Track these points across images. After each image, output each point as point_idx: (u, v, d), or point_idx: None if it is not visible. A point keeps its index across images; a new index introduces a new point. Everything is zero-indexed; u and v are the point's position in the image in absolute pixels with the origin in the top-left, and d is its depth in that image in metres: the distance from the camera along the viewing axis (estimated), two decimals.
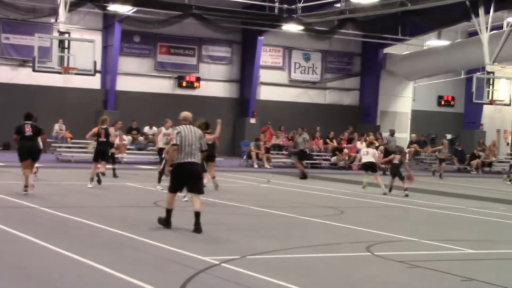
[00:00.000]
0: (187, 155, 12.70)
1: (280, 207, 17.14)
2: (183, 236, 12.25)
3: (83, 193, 18.69)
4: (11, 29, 35.30)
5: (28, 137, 17.61)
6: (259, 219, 15.14)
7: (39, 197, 16.61)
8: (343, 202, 19.38)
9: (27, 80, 35.11)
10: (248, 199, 18.55)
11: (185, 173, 12.78)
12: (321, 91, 43.48)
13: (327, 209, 17.40)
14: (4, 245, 10.71)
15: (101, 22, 37.43)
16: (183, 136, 12.71)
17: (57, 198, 16.97)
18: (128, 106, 37.06)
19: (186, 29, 37.42)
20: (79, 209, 15.08)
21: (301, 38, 40.22)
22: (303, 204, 18.40)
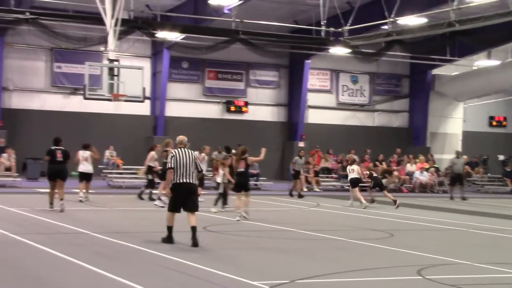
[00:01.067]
0: (182, 176, 13.56)
1: (329, 230, 17.01)
2: (231, 260, 12.21)
3: (133, 218, 18.82)
4: (63, 58, 35.98)
5: (59, 162, 20.00)
6: (308, 242, 15.03)
7: (89, 222, 16.76)
8: (393, 225, 19.13)
9: (79, 108, 35.69)
10: (297, 223, 18.45)
11: (181, 193, 13.65)
12: (369, 114, 43.25)
13: (376, 232, 17.19)
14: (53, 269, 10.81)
15: (149, 49, 37.90)
16: (178, 159, 13.61)
17: (106, 223, 17.10)
18: (177, 132, 36.94)
19: (234, 54, 37.63)
20: (128, 234, 15.16)
21: (348, 61, 40.11)
22: (352, 227, 18.23)
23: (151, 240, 14.10)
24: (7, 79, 34.94)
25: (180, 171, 13.60)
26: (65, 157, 20.19)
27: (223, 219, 19.01)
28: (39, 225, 16.54)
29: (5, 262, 11.45)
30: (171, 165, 13.67)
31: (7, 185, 29.09)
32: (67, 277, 10.34)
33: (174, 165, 13.61)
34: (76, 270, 10.82)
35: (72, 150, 23.19)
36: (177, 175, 13.60)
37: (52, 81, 36.08)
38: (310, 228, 17.15)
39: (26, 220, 17.42)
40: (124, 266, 11.28)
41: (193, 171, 13.74)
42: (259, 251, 13.58)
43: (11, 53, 35.08)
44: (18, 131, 34.56)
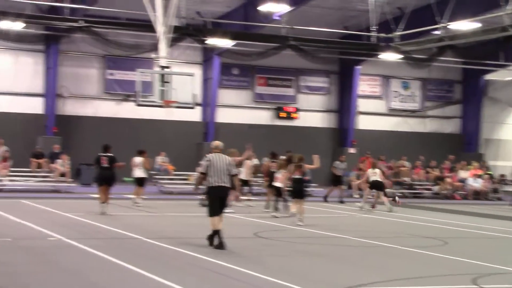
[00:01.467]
0: (217, 180, 14.05)
1: (380, 237, 16.86)
2: (280, 267, 12.18)
3: (184, 224, 18.94)
4: (115, 65, 36.45)
5: (105, 168, 20.78)
6: (359, 249, 14.93)
7: (141, 227, 16.90)
8: (446, 232, 18.88)
9: (131, 114, 36.08)
10: (348, 230, 18.34)
11: (218, 196, 14.13)
12: (421, 120, 42.84)
13: (429, 239, 16.99)
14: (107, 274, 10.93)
15: (200, 56, 38.15)
16: (213, 164, 14.08)
17: (158, 229, 17.23)
18: (228, 138, 37.34)
19: (284, 60, 37.65)
20: (180, 239, 15.24)
21: (399, 67, 39.81)
22: (404, 234, 18.05)
23: (201, 245, 14.15)
24: (62, 86, 35.50)
25: (216, 176, 14.06)
26: (111, 163, 20.82)
27: (275, 225, 19.00)
28: (92, 230, 16.75)
29: (61, 267, 11.61)
30: (203, 170, 14.19)
31: (61, 190, 29.52)
32: (122, 282, 10.44)
33: (209, 170, 14.08)
34: (131, 276, 10.92)
35: (124, 156, 23.51)
36: (212, 179, 14.08)
37: (104, 88, 36.57)
38: (361, 235, 17.03)
39: (80, 225, 17.66)
40: (174, 271, 11.34)
41: (227, 175, 14.17)
42: (309, 257, 13.54)
43: (65, 61, 35.66)
44: (72, 137, 35.09)
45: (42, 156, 30.93)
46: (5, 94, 34.84)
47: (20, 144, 33.10)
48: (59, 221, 18.37)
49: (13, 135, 33.40)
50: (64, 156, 30.44)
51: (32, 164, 30.54)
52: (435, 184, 34.91)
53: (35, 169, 30.51)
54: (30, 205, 22.93)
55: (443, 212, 25.99)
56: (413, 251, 14.70)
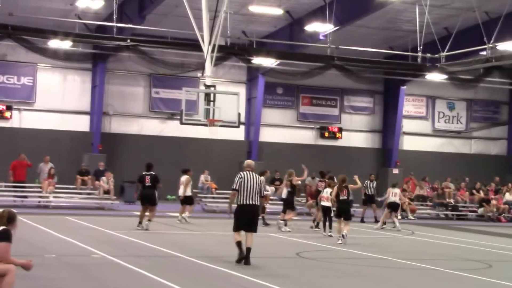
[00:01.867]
0: (247, 198, 14.25)
1: (424, 259, 16.67)
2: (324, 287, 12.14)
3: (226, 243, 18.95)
4: (160, 83, 36.83)
5: (148, 187, 21.11)
6: (403, 272, 14.77)
7: (183, 245, 16.96)
8: (491, 255, 18.60)
9: (175, 133, 36.36)
10: (392, 251, 18.18)
11: (245, 214, 14.35)
12: (466, 141, 42.40)
13: (473, 262, 16.75)
14: None
15: (245, 75, 38.34)
16: (245, 181, 14.25)
17: (200, 247, 17.27)
18: (271, 157, 37.49)
19: (328, 80, 37.64)
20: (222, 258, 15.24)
21: (445, 87, 39.51)
22: (448, 256, 17.82)
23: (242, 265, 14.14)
24: (108, 105, 35.97)
25: (246, 193, 14.26)
26: (153, 182, 21.13)
27: (317, 245, 18.92)
28: (135, 247, 16.85)
29: (105, 284, 11.70)
30: (236, 186, 14.36)
31: (105, 207, 29.81)
32: None
33: (240, 187, 14.28)
34: None
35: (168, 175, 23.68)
36: (242, 197, 14.30)
37: (150, 106, 36.94)
38: (405, 257, 16.85)
39: (123, 242, 17.79)
40: None
41: (257, 194, 14.36)
42: (353, 278, 13.45)
43: (112, 79, 36.14)
44: (117, 155, 35.47)
45: (87, 174, 31.31)
46: (53, 112, 35.41)
47: (66, 161, 33.58)
48: (103, 238, 18.52)
49: (60, 152, 33.91)
50: (108, 173, 30.76)
51: (78, 181, 30.92)
52: (480, 206, 34.42)
53: (80, 186, 30.88)
54: (74, 221, 23.18)
55: (488, 234, 25.60)
56: (456, 274, 14.50)
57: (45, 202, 29.60)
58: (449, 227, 28.15)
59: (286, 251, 17.48)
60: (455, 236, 23.93)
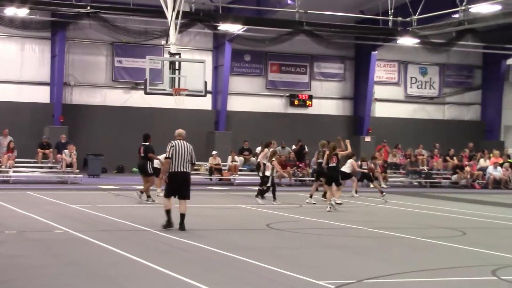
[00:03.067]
0: (179, 165, 15.20)
1: (397, 228, 16.82)
2: (295, 259, 12.19)
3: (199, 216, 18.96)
4: (123, 52, 36.48)
5: (141, 157, 21.44)
6: (375, 241, 14.90)
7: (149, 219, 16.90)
8: (465, 222, 18.82)
9: (139, 103, 36.14)
10: (364, 220, 18.30)
11: (177, 181, 15.29)
12: (439, 107, 42.70)
13: (447, 230, 16.94)
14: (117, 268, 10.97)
15: (211, 42, 38.10)
16: (176, 150, 15.23)
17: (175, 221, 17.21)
18: (240, 127, 37.47)
19: (297, 46, 37.56)
20: (192, 232, 15.25)
21: (417, 52, 39.65)
22: (421, 225, 17.99)
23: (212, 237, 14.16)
24: (68, 75, 35.59)
25: (177, 161, 15.19)
26: (145, 152, 21.32)
27: (287, 216, 18.99)
28: (99, 221, 16.79)
29: (69, 260, 11.64)
30: (168, 155, 15.30)
31: (68, 181, 29.64)
32: (130, 275, 10.47)
33: (172, 155, 15.20)
34: (139, 269, 10.93)
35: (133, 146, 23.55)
36: (173, 164, 15.20)
37: (113, 76, 36.62)
38: (377, 226, 16.98)
39: (87, 217, 17.71)
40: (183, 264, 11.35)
41: (188, 162, 15.32)
42: (324, 249, 13.53)
43: (72, 48, 35.72)
44: (79, 127, 35.18)
45: (48, 147, 31.01)
46: (10, 83, 34.95)
47: (26, 134, 33.24)
48: (66, 213, 18.42)
49: (19, 125, 33.54)
50: (71, 146, 30.50)
51: (39, 154, 30.63)
52: (454, 173, 34.79)
53: (41, 159, 30.60)
54: (35, 196, 23.01)
55: (462, 202, 25.90)
56: (431, 242, 14.65)
57: (4, 177, 29.33)
58: (422, 195, 28.42)
59: (256, 222, 17.53)
60: (429, 204, 24.16)
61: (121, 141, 34.75)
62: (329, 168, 20.94)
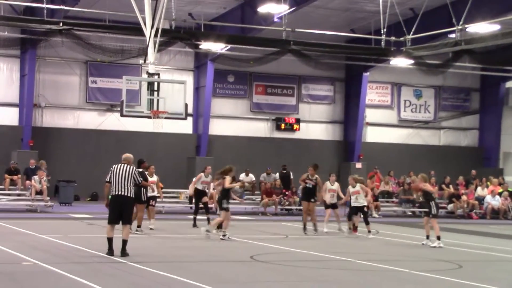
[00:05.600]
0: (117, 189, 15.89)
1: (389, 260, 16.86)
2: None
3: (178, 247, 18.95)
4: (98, 72, 36.56)
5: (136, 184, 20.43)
6: (365, 274, 14.93)
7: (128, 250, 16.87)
8: (461, 255, 18.90)
9: (115, 126, 36.18)
10: (355, 252, 18.34)
11: (116, 204, 15.93)
12: (435, 131, 42.94)
13: (442, 263, 17.00)
14: None
15: (192, 62, 38.28)
16: (114, 173, 16.04)
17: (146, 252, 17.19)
18: (223, 152, 37.52)
19: (284, 66, 37.77)
20: (170, 264, 15.24)
21: (411, 73, 39.93)
22: (415, 257, 18.05)
23: (194, 271, 14.16)
24: (39, 95, 35.57)
25: (116, 184, 15.93)
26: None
27: (273, 247, 19.00)
28: (71, 253, 16.72)
29: None
30: (108, 178, 16.15)
31: (38, 210, 29.49)
32: None
33: (111, 179, 16.00)
34: None
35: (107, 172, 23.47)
36: (113, 188, 15.98)
37: (86, 97, 36.63)
38: (370, 258, 17.02)
39: (58, 248, 17.63)
40: None
41: (130, 185, 16.00)
42: (311, 283, 13.53)
43: (43, 67, 35.75)
44: (50, 151, 35.11)
45: (16, 172, 30.92)
46: None
47: None
48: (35, 243, 18.32)
49: None
50: (41, 172, 30.42)
51: (6, 181, 30.51)
52: (450, 202, 34.92)
53: (8, 186, 30.48)
54: (2, 226, 22.86)
55: (458, 232, 25.99)
56: (425, 275, 14.70)
57: None
58: (416, 225, 28.45)
59: (240, 253, 17.52)
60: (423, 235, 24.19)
61: (95, 167, 34.68)
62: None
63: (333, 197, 24.03)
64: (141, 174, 20.97)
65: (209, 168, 24.72)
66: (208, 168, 24.67)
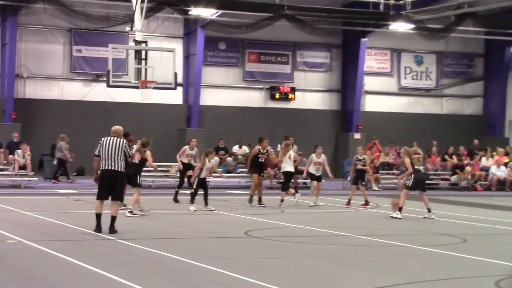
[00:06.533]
0: (107, 163, 15.88)
1: (390, 235, 16.92)
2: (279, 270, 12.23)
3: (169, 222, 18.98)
4: (83, 40, 36.37)
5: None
6: (366, 249, 14.98)
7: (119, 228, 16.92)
8: (466, 228, 18.97)
9: (101, 97, 36.09)
10: (354, 227, 18.40)
11: (106, 179, 15.97)
12: (436, 100, 42.93)
13: (446, 237, 17.07)
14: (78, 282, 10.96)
15: (181, 29, 38.10)
16: (103, 146, 15.98)
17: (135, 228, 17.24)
18: (214, 123, 37.50)
19: (278, 33, 37.64)
20: (161, 240, 15.28)
21: (411, 39, 39.83)
22: (417, 231, 18.11)
23: (185, 248, 14.21)
24: (21, 65, 35.44)
25: (106, 158, 15.92)
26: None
27: (267, 222, 19.05)
28: (56, 229, 16.76)
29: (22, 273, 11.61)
30: (96, 152, 16.12)
31: (22, 185, 29.51)
32: None
33: (101, 153, 15.97)
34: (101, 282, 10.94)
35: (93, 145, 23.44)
36: (102, 162, 15.97)
37: (71, 67, 36.49)
38: (369, 233, 17.08)
39: (43, 225, 17.65)
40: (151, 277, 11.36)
41: (121, 159, 15.94)
42: (309, 259, 13.58)
43: (25, 36, 35.56)
44: (34, 124, 35.04)
45: None
46: None
47: None
48: (19, 221, 18.34)
49: None
50: (24, 146, 30.39)
51: None
52: (453, 174, 35.01)
53: None
54: None
55: (462, 205, 26.08)
56: (428, 250, 14.76)
57: None
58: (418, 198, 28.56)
59: (234, 229, 17.57)
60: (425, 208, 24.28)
61: (81, 140, 34.60)
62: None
63: (318, 170, 24.20)
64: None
65: (194, 141, 24.85)
66: (193, 141, 24.79)
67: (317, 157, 24.14)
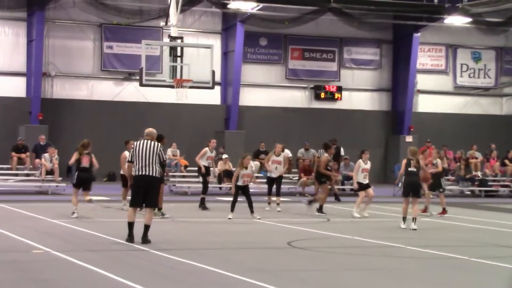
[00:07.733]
0: (140, 169, 15.89)
1: (444, 246, 16.81)
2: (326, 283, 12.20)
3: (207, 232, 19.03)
4: (114, 36, 36.58)
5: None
6: (418, 262, 14.89)
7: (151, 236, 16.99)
8: None
9: (134, 97, 36.28)
10: (406, 237, 18.30)
11: (139, 185, 15.99)
12: (495, 99, 42.61)
13: (505, 249, 16.92)
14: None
15: (220, 24, 38.19)
16: (136, 151, 15.98)
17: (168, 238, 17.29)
18: (255, 125, 37.51)
19: (324, 27, 37.60)
20: (195, 251, 15.30)
21: (468, 33, 39.58)
22: (474, 242, 17.98)
23: (221, 259, 14.21)
24: (48, 63, 35.73)
25: (139, 164, 15.94)
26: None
27: (312, 232, 19.02)
28: (85, 239, 16.85)
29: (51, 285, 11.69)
30: (130, 158, 16.31)
31: (49, 191, 29.75)
32: None
33: (134, 158, 16.01)
34: None
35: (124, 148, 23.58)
36: (135, 168, 15.99)
37: (101, 65, 36.74)
38: (422, 244, 16.98)
39: (71, 234, 17.77)
40: None
41: (155, 164, 15.95)
42: (357, 271, 13.53)
43: (53, 32, 35.85)
44: (62, 125, 35.32)
45: (25, 150, 31.16)
46: None
47: None
48: (46, 229, 18.50)
49: None
50: (51, 149, 30.65)
51: (13, 159, 30.79)
52: None
53: (16, 165, 30.75)
54: (10, 210, 23.12)
55: None
56: (485, 263, 14.64)
57: None
58: (476, 206, 28.38)
59: (276, 240, 17.54)
60: (484, 217, 24.12)
61: (111, 143, 34.79)
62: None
63: (365, 177, 23.21)
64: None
65: (214, 142, 25.12)
66: (213, 142, 24.91)
67: (364, 163, 23.49)
